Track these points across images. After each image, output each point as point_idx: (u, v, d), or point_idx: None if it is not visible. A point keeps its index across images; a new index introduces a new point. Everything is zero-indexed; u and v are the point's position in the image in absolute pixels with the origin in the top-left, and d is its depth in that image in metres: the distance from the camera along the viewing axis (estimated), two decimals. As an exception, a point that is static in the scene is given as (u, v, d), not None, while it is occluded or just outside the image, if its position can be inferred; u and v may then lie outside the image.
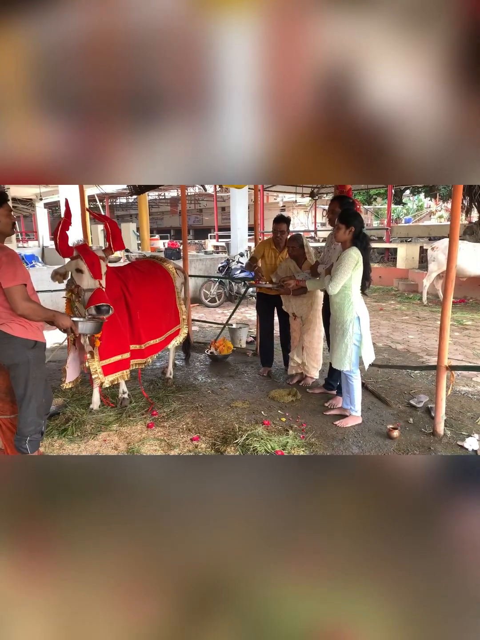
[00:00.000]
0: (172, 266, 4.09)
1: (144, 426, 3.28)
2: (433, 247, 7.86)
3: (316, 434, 3.13)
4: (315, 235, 16.52)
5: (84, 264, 2.92)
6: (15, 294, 2.17)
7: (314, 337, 3.98)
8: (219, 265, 9.33)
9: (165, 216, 29.52)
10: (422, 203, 23.78)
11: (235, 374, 4.51)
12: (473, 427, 3.24)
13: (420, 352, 5.22)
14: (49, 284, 3.44)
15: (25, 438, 2.37)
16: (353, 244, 3.04)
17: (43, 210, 16.99)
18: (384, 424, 3.30)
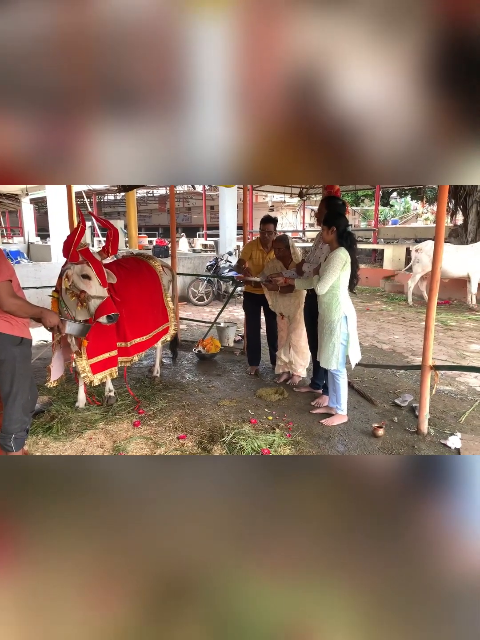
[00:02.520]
0: (158, 264, 4.07)
1: (130, 424, 3.27)
2: (417, 248, 7.97)
3: (302, 433, 3.15)
4: (304, 236, 16.60)
5: (92, 270, 2.95)
6: (1, 290, 2.15)
7: (301, 336, 4.00)
8: (208, 263, 9.32)
9: (154, 214, 29.35)
10: (409, 205, 24.09)
11: (223, 372, 4.51)
12: (456, 426, 3.30)
13: (406, 352, 5.29)
14: (35, 280, 3.42)
15: (10, 436, 2.34)
16: (339, 243, 3.07)
17: (29, 206, 16.72)
18: (369, 422, 3.34)
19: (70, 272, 2.96)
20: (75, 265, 2.95)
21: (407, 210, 23.96)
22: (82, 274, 2.95)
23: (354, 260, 3.13)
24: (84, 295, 2.94)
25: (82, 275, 2.95)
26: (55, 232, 8.92)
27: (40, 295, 6.48)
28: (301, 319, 3.94)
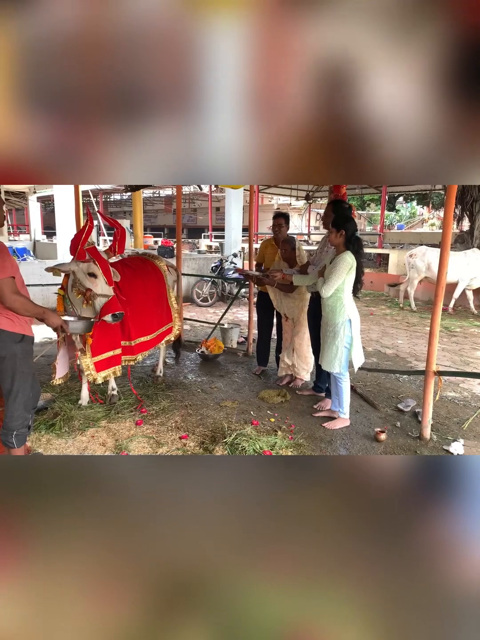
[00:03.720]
0: (163, 263, 4.08)
1: (133, 423, 3.27)
2: (411, 254, 7.98)
3: (304, 435, 3.15)
4: (309, 239, 16.59)
5: (98, 269, 2.97)
6: (4, 287, 2.15)
7: (304, 339, 4.00)
8: (212, 265, 9.33)
9: (160, 214, 29.42)
10: (415, 210, 24.04)
11: (226, 373, 4.51)
12: (459, 432, 3.29)
13: (409, 357, 5.28)
14: (40, 277, 3.44)
15: (11, 432, 2.35)
16: (346, 247, 3.07)
17: (36, 204, 16.81)
18: (371, 427, 3.33)
19: (75, 268, 2.98)
20: (82, 264, 2.96)
21: (413, 216, 23.91)
22: (89, 272, 2.96)
23: (360, 265, 3.13)
24: (90, 293, 2.96)
25: (89, 274, 2.96)
26: (61, 230, 8.95)
27: (45, 293, 6.51)
28: (305, 322, 3.94)
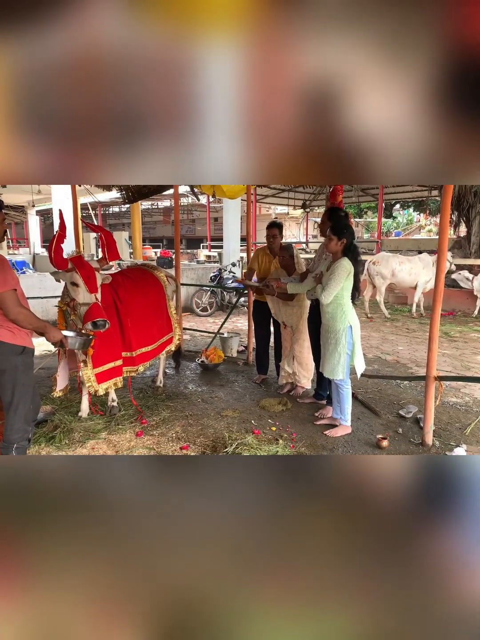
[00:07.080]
0: (163, 274, 4.09)
1: (133, 434, 3.26)
2: (374, 261, 7.99)
3: (306, 444, 3.13)
4: (307, 247, 16.67)
5: (79, 277, 2.89)
6: (8, 300, 2.17)
7: (304, 346, 4.00)
8: (211, 274, 9.36)
9: (158, 225, 29.60)
10: (412, 217, 24.20)
11: (226, 383, 4.50)
12: (461, 437, 3.27)
13: (410, 363, 5.27)
14: (39, 290, 3.44)
15: (12, 445, 2.34)
16: (344, 254, 3.09)
17: (35, 218, 16.92)
18: (373, 433, 3.31)
19: (63, 278, 2.93)
20: (66, 273, 2.92)
21: (410, 222, 24.06)
22: (72, 281, 2.92)
23: (356, 273, 3.14)
24: (73, 303, 2.94)
25: (72, 283, 2.92)
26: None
27: (45, 305, 6.52)
28: (304, 330, 3.94)
